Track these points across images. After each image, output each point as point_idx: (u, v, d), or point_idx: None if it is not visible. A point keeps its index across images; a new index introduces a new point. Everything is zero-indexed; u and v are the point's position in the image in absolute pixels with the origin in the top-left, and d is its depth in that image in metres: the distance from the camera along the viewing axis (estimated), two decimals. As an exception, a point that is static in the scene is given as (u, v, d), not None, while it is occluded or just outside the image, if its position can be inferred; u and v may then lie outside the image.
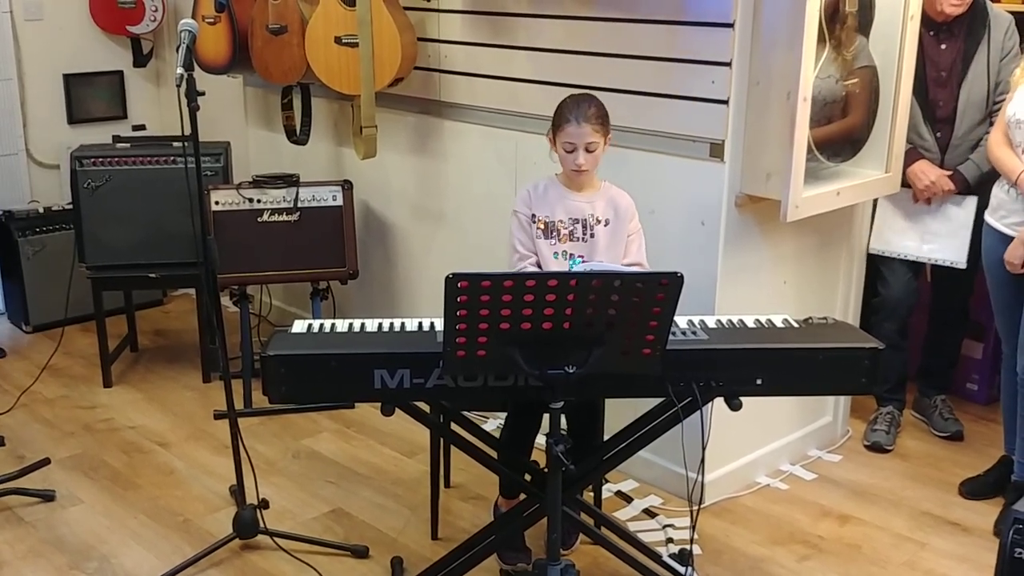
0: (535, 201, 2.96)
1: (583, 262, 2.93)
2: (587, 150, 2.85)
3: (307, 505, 3.41)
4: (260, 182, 4.07)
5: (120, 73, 5.39)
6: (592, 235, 2.94)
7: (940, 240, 3.67)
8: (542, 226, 2.95)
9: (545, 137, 2.97)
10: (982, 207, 3.54)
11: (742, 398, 2.54)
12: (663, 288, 2.22)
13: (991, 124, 3.55)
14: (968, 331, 4.07)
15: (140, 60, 5.41)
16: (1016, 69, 3.28)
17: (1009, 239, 3.18)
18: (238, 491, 3.13)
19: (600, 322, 2.26)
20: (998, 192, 3.25)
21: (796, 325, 2.66)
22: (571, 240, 2.95)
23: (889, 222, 3.73)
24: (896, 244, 3.73)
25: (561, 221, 2.94)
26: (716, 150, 3.13)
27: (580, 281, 2.20)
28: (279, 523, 3.23)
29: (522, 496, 2.99)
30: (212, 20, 4.17)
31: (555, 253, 2.95)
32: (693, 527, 2.76)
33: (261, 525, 3.10)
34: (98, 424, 4.00)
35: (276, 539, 3.09)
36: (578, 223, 2.94)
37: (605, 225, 2.95)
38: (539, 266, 2.95)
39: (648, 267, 2.96)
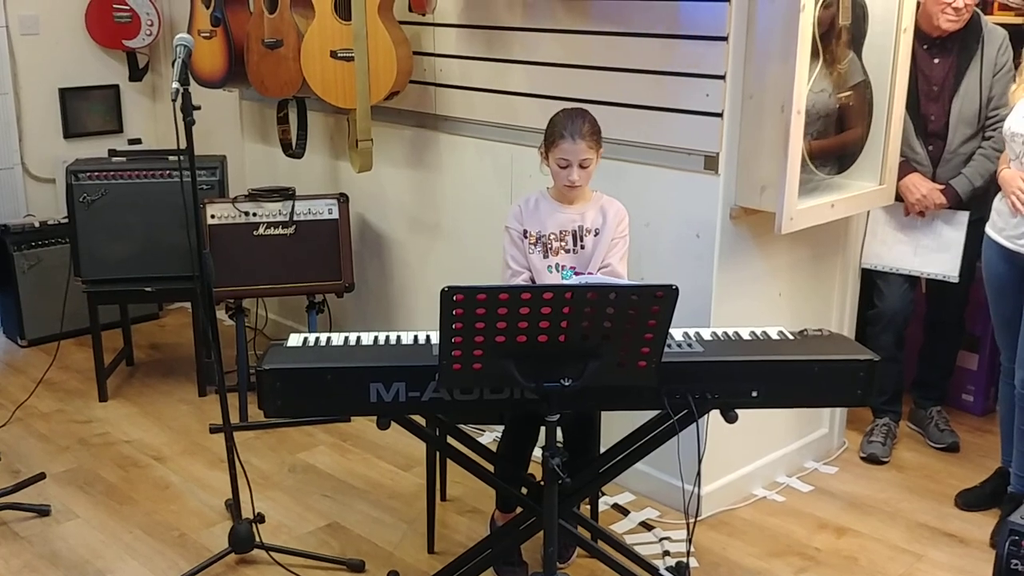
0: (526, 216, 2.97)
1: (575, 274, 2.93)
2: (581, 166, 2.86)
3: (303, 519, 3.41)
4: (256, 196, 4.07)
5: (116, 87, 5.40)
6: (582, 246, 2.95)
7: (932, 254, 3.68)
8: (533, 240, 2.95)
9: (537, 151, 2.98)
10: (974, 221, 3.55)
11: (738, 410, 2.54)
12: (658, 300, 2.23)
13: (984, 139, 3.57)
14: (963, 342, 4.07)
15: (136, 74, 5.42)
16: (1012, 84, 3.30)
17: (1009, 252, 3.18)
18: (234, 505, 3.12)
19: (596, 335, 2.27)
20: (999, 205, 3.25)
21: (791, 337, 2.66)
22: (563, 252, 2.95)
23: (880, 236, 3.74)
24: (887, 258, 3.74)
25: (553, 234, 2.95)
26: (711, 163, 3.14)
27: (575, 294, 2.20)
28: (275, 537, 3.23)
29: (519, 510, 2.99)
30: (208, 34, 4.18)
31: (549, 267, 2.95)
32: (690, 540, 2.76)
33: (257, 539, 3.09)
34: (94, 438, 3.99)
35: (272, 553, 3.08)
36: (568, 234, 2.95)
37: (595, 235, 2.95)
38: (532, 281, 2.95)
39: (623, 274, 2.96)
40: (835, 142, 3.30)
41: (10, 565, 3.13)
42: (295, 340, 2.60)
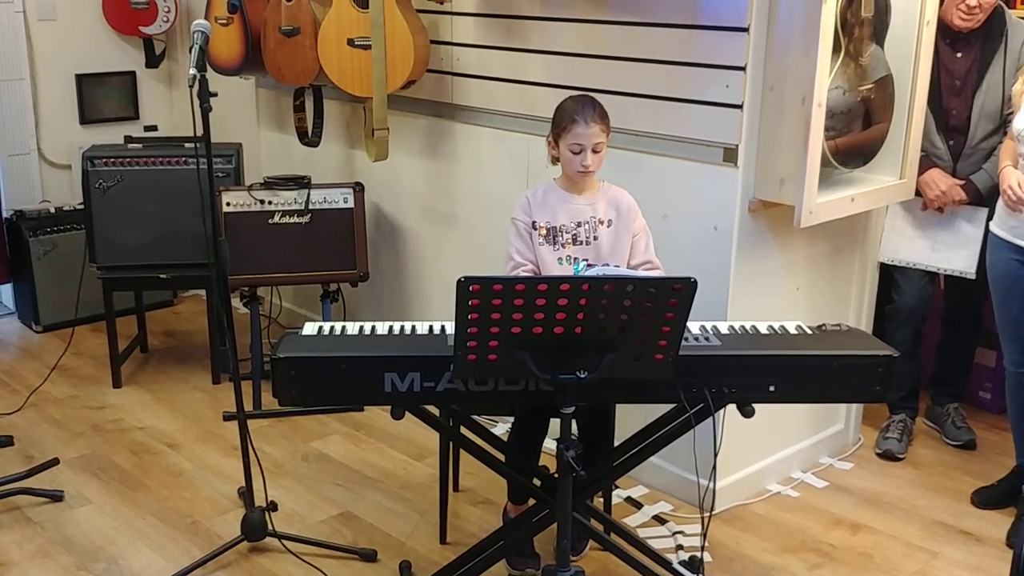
0: (535, 208, 2.94)
1: (588, 265, 2.91)
2: (594, 151, 2.84)
3: (316, 508, 3.41)
4: (272, 184, 4.07)
5: (132, 74, 5.40)
6: (596, 237, 2.92)
7: (950, 250, 3.65)
8: (544, 232, 2.92)
9: (545, 140, 2.95)
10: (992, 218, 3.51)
11: (755, 405, 2.52)
12: (676, 293, 2.21)
13: (1005, 134, 3.53)
14: (981, 339, 4.04)
15: (152, 61, 5.41)
16: (1016, 84, 3.26)
17: (1015, 247, 3.14)
18: (247, 493, 3.12)
19: (612, 327, 2.25)
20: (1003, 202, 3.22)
21: (809, 332, 2.64)
22: (575, 244, 2.92)
23: (899, 231, 3.71)
24: (905, 253, 3.71)
25: (564, 225, 2.92)
26: (730, 155, 3.11)
27: (592, 286, 2.18)
28: (288, 526, 3.23)
29: (530, 501, 2.98)
30: (225, 21, 4.17)
31: (559, 259, 2.92)
32: (704, 534, 2.74)
33: (269, 527, 3.09)
34: (107, 424, 3.99)
35: (284, 542, 3.08)
36: (581, 226, 2.92)
37: (608, 226, 2.92)
38: (537, 274, 2.93)
39: (660, 264, 2.95)
40: (865, 139, 3.27)
41: (23, 550, 3.14)
42: (310, 329, 2.60)
